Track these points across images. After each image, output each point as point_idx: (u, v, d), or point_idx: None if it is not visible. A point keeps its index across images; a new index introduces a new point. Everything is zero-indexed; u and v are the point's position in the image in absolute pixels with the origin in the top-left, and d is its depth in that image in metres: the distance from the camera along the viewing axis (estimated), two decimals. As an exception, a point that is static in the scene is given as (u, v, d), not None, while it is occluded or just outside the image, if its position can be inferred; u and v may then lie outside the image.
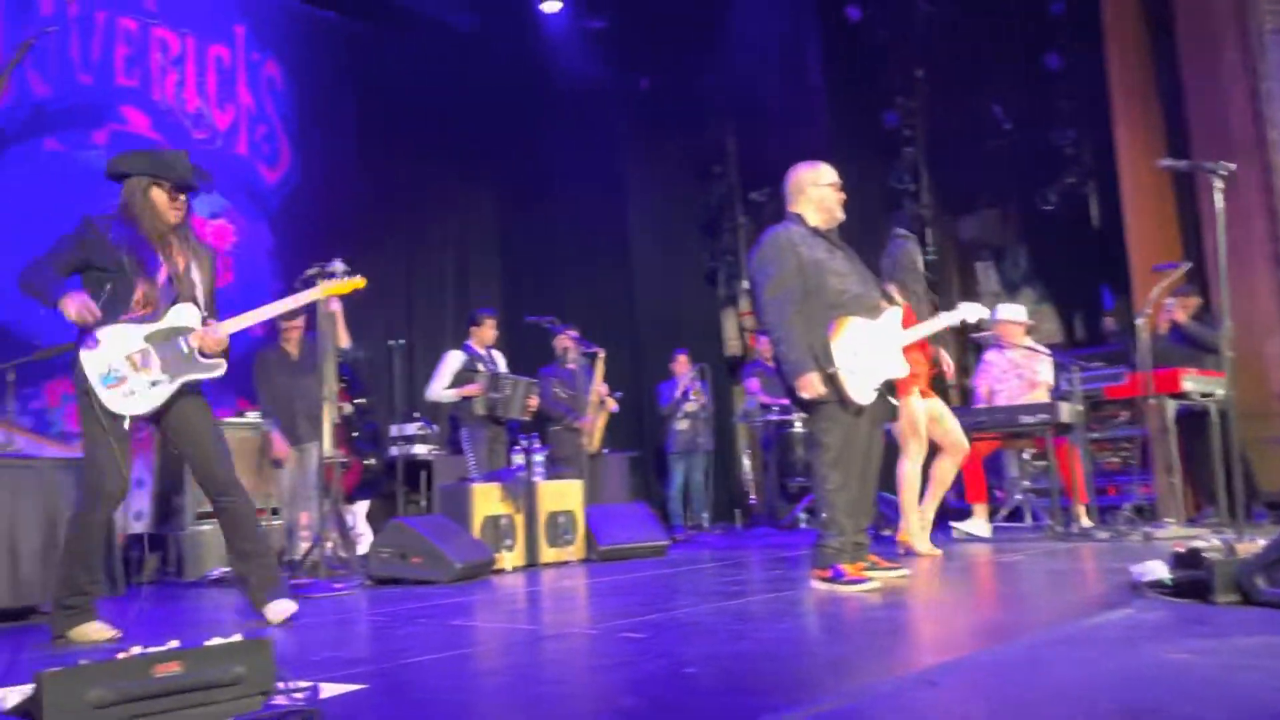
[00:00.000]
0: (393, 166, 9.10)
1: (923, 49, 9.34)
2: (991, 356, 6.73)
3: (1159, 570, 3.26)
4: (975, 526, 6.21)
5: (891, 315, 4.21)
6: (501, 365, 6.88)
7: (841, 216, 4.22)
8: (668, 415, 8.61)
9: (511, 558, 5.65)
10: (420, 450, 7.28)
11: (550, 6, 9.88)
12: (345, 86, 8.94)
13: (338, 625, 3.75)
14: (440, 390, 6.68)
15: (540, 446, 6.13)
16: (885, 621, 3.18)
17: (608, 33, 10.04)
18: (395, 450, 7.23)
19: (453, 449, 7.31)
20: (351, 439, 6.73)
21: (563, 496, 6.05)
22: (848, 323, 4.00)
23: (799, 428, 8.27)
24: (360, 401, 6.85)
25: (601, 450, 7.83)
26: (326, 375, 5.40)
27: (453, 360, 6.72)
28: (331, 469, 5.33)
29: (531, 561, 5.78)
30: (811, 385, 3.90)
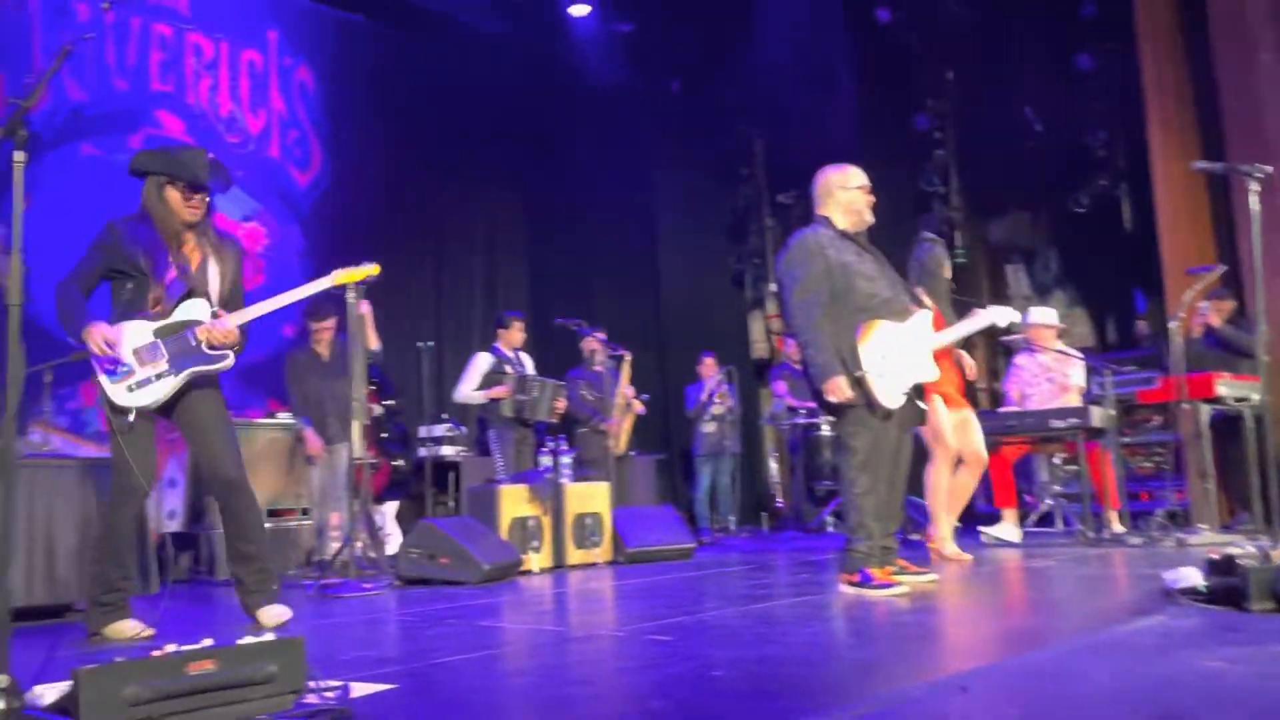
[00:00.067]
0: (422, 169, 9.16)
1: (953, 50, 9.28)
2: (1021, 360, 6.68)
3: (1193, 577, 3.22)
4: (1005, 531, 6.16)
5: (921, 318, 4.19)
6: (529, 367, 6.91)
7: (871, 219, 4.20)
8: (694, 418, 8.61)
9: (539, 559, 5.66)
10: (448, 451, 7.32)
11: (579, 10, 9.90)
12: (375, 91, 9.01)
13: (367, 625, 3.78)
14: (468, 392, 6.72)
15: (567, 448, 6.15)
16: (914, 626, 3.16)
17: (635, 36, 10.06)
18: (423, 451, 7.27)
19: (480, 450, 7.35)
20: (381, 440, 6.78)
21: (590, 498, 6.06)
22: (876, 326, 3.98)
23: (826, 430, 8.24)
24: (389, 403, 6.90)
25: (628, 452, 7.84)
26: (356, 377, 5.44)
27: (481, 362, 6.75)
28: (361, 470, 5.37)
29: (558, 563, 5.79)
30: (838, 389, 3.88)
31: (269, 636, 2.09)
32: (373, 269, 4.13)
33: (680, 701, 2.15)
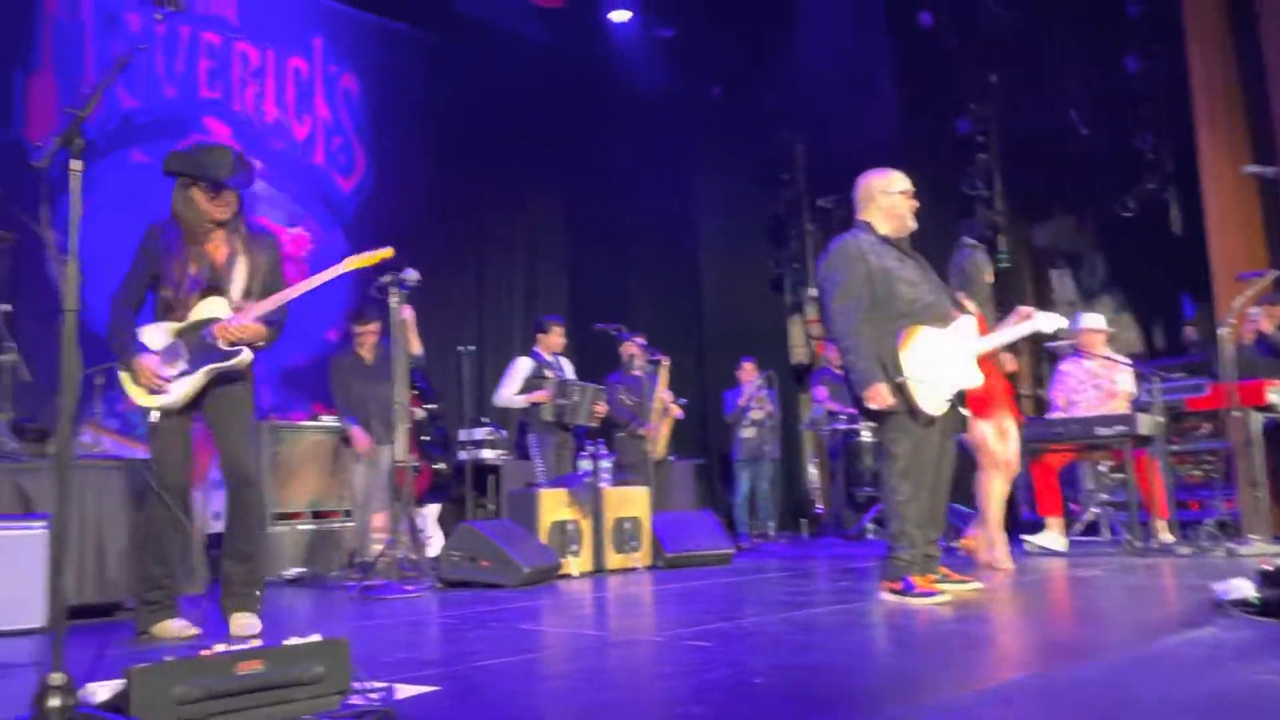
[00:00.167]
0: (463, 175, 9.23)
1: (996, 53, 9.19)
2: (1067, 367, 6.59)
3: (1244, 588, 3.16)
4: (1049, 540, 6.08)
5: (965, 324, 4.15)
6: (569, 372, 6.93)
7: (913, 225, 4.17)
8: (733, 423, 8.59)
9: (578, 563, 5.68)
10: (488, 455, 7.37)
11: (620, 16, 9.93)
12: (418, 97, 9.10)
13: (409, 627, 3.82)
14: (509, 396, 6.76)
15: (607, 453, 6.16)
16: (957, 636, 3.13)
17: (676, 41, 10.07)
18: (464, 455, 7.32)
19: (520, 454, 7.38)
20: (422, 443, 6.83)
21: (629, 503, 6.07)
22: (918, 332, 3.94)
23: (867, 436, 8.19)
24: (431, 407, 6.96)
25: (667, 457, 7.84)
26: (399, 381, 5.49)
27: (522, 367, 6.79)
28: (403, 473, 5.42)
29: (598, 567, 5.80)
30: (879, 396, 3.86)
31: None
32: (386, 252, 3.97)
33: (721, 708, 2.15)
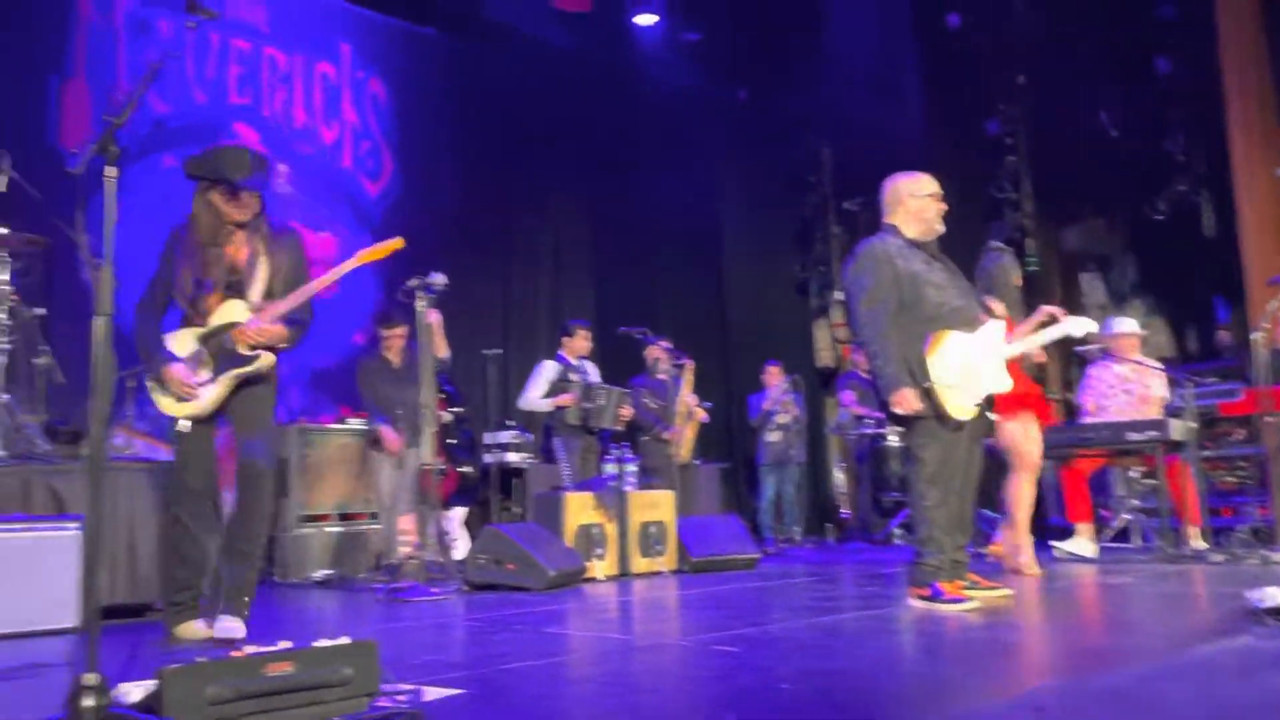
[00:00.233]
0: (489, 179, 9.27)
1: (1025, 54, 9.12)
2: (1096, 371, 6.52)
3: (1278, 596, 3.11)
4: (1079, 546, 6.01)
5: (993, 328, 4.11)
6: (594, 375, 6.94)
7: (940, 228, 4.14)
8: (758, 427, 8.57)
9: (603, 567, 5.68)
10: (514, 458, 7.39)
11: (645, 20, 9.95)
12: (445, 102, 9.15)
13: (436, 629, 3.83)
14: (534, 399, 6.78)
15: (632, 456, 6.17)
16: (987, 643, 3.11)
17: (701, 45, 10.07)
18: (490, 458, 7.35)
19: (546, 457, 7.40)
20: (448, 446, 6.86)
21: (654, 507, 6.07)
22: (946, 336, 3.91)
23: (894, 440, 8.14)
24: (457, 410, 6.98)
25: (692, 461, 7.83)
26: (425, 384, 5.52)
27: (547, 370, 6.80)
28: (429, 475, 5.44)
29: (623, 571, 5.80)
30: (907, 401, 3.83)
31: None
32: (396, 242, 3.89)
33: (748, 714, 2.14)
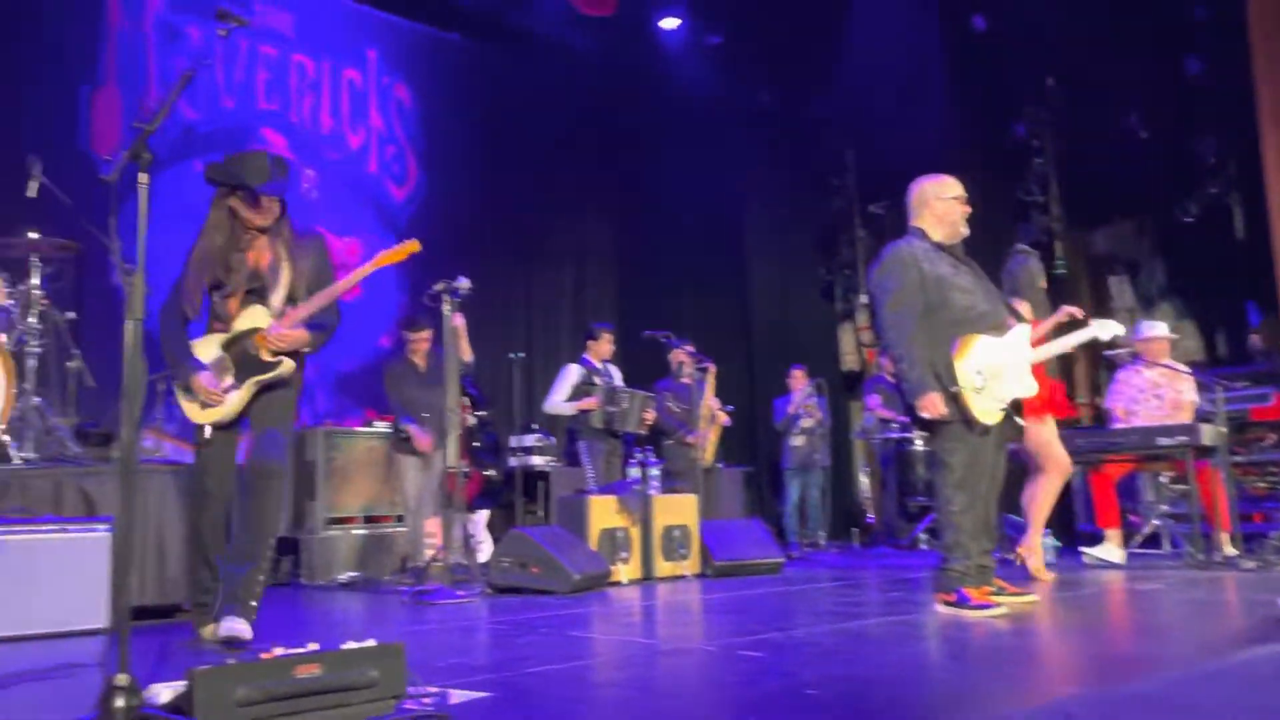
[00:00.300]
0: (513, 183, 9.31)
1: (1052, 55, 9.04)
2: (1125, 375, 6.46)
3: (1313, 605, 3.07)
4: (1107, 552, 5.96)
5: (1020, 332, 4.08)
6: (618, 379, 6.95)
7: (966, 231, 4.12)
8: (783, 430, 8.54)
9: (627, 570, 5.68)
10: (538, 461, 7.40)
11: (668, 23, 9.95)
12: (469, 106, 9.20)
13: (461, 632, 3.84)
14: (558, 403, 6.79)
15: (655, 460, 6.16)
16: (1014, 649, 3.08)
17: (725, 48, 10.06)
18: (514, 461, 7.37)
19: (569, 461, 7.41)
20: (473, 450, 6.89)
21: (678, 510, 6.06)
22: (975, 340, 3.89)
23: (919, 445, 8.09)
24: (482, 414, 7.01)
25: (716, 464, 7.82)
26: (451, 387, 5.54)
27: (571, 374, 6.82)
28: (454, 478, 5.46)
29: (647, 575, 5.80)
30: (933, 405, 3.81)
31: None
32: (413, 245, 3.83)
33: (773, 719, 2.13)
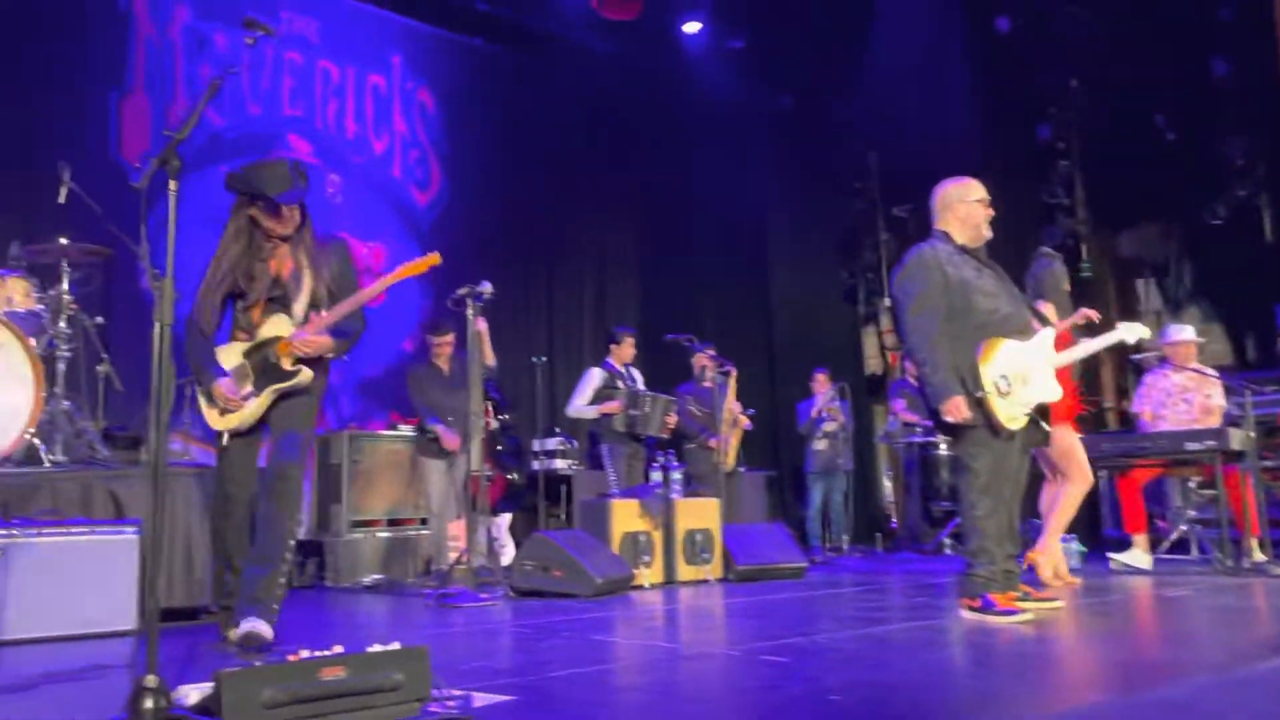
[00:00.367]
0: (536, 188, 9.34)
1: (1077, 56, 8.98)
2: (1152, 379, 6.40)
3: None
4: (1134, 558, 5.90)
5: (1045, 336, 4.06)
6: (640, 383, 6.95)
7: (989, 234, 4.09)
8: (805, 434, 8.52)
9: (649, 574, 5.68)
10: (560, 465, 7.42)
11: (690, 27, 9.96)
12: (492, 111, 9.23)
13: (485, 635, 3.85)
14: (581, 407, 6.81)
15: (677, 464, 6.17)
16: (1040, 656, 3.06)
17: (748, 52, 10.05)
18: (537, 465, 7.39)
19: (592, 464, 7.42)
20: (496, 453, 6.91)
21: (700, 514, 6.06)
22: (1000, 345, 3.87)
23: (943, 449, 8.05)
24: (504, 417, 7.04)
25: (737, 468, 7.81)
26: (474, 391, 5.57)
27: (594, 377, 6.83)
28: (477, 482, 5.49)
29: (669, 579, 5.80)
30: (957, 410, 3.79)
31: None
32: (434, 258, 3.81)
33: (797, 725, 2.13)
